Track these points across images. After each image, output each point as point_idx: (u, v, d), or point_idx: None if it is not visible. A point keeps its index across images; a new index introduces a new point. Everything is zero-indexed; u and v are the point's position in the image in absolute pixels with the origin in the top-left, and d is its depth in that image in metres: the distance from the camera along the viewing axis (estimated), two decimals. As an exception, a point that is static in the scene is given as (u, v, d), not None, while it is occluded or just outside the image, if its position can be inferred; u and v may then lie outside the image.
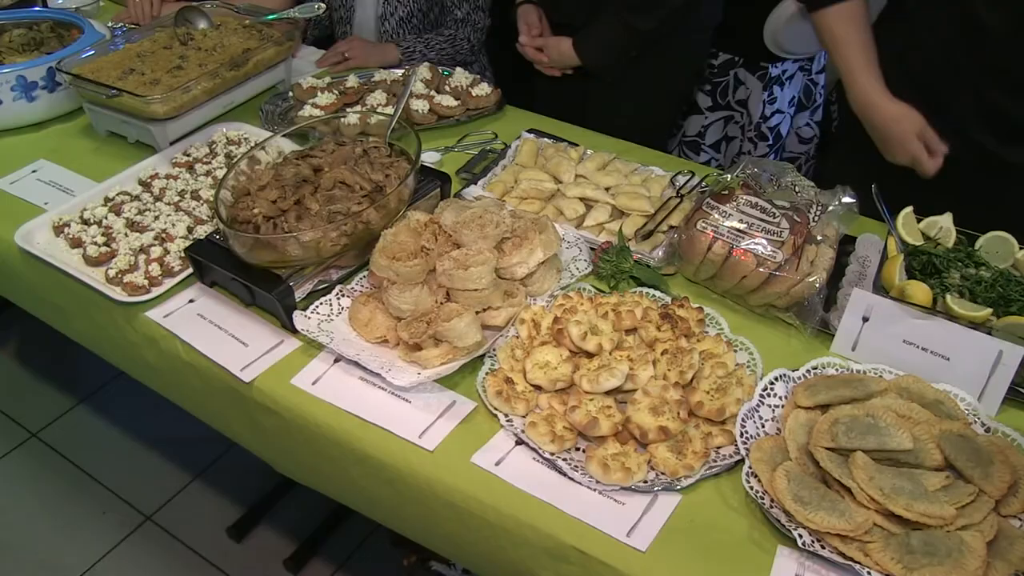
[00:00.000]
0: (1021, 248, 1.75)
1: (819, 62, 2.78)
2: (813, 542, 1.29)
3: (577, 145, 2.19)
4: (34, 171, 2.19)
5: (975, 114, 1.97)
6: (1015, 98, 1.91)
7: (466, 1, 2.80)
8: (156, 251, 1.83)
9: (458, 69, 2.51)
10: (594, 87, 2.68)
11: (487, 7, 2.87)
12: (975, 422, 1.50)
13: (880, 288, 1.68)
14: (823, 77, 2.84)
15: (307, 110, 2.33)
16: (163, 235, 1.89)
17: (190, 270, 1.81)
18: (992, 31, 1.86)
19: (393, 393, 1.56)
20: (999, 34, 1.86)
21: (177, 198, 2.02)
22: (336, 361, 1.62)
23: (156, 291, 1.77)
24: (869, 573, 1.25)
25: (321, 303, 1.70)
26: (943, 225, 1.81)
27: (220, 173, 2.09)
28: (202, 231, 1.91)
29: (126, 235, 1.90)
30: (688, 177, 2.04)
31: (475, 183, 2.04)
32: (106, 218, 1.95)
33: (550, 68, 2.69)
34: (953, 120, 1.97)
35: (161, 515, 2.85)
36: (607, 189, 1.99)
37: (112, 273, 1.79)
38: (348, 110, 2.27)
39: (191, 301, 1.78)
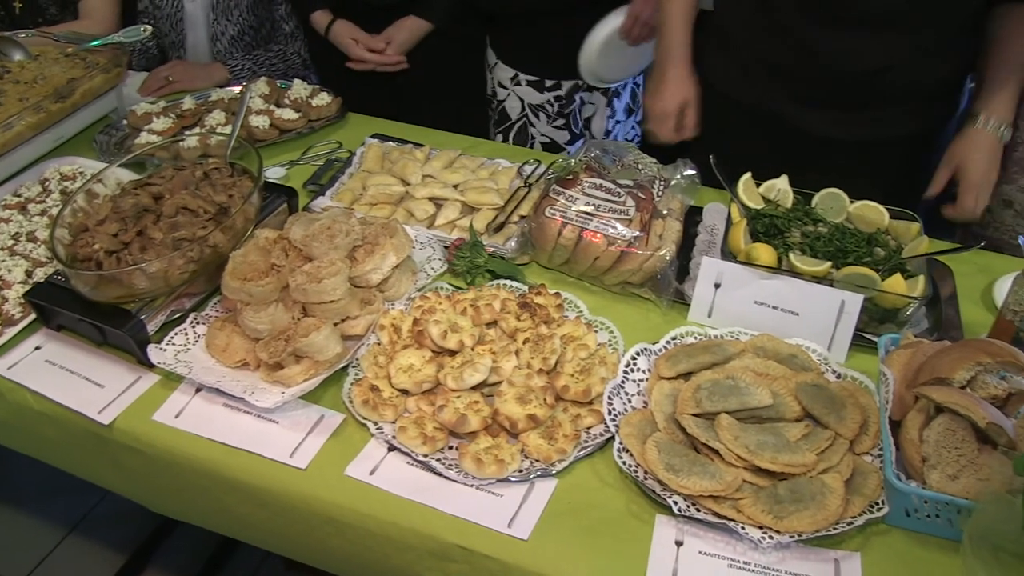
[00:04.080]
0: (852, 202, 1.84)
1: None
2: (688, 507, 1.33)
3: (422, 145, 2.19)
4: None
5: (771, 77, 2.05)
6: (798, 57, 1.98)
7: (294, 15, 2.76)
8: (-8, 300, 1.74)
9: (296, 81, 2.47)
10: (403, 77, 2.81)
11: None
12: (827, 370, 1.58)
13: (728, 254, 1.74)
14: (643, 78, 2.88)
15: (143, 137, 2.25)
16: (-1, 282, 1.80)
17: (33, 316, 1.72)
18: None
19: (259, 416, 1.53)
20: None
21: (11, 242, 1.92)
22: (198, 391, 1.58)
23: (-3, 343, 1.68)
24: (743, 528, 1.30)
25: (176, 333, 1.65)
26: (780, 187, 1.88)
27: (57, 211, 1.99)
28: (42, 274, 1.83)
29: (-43, 287, 1.79)
30: (535, 166, 2.07)
31: (323, 194, 2.02)
32: (-69, 271, 1.84)
33: (398, 61, 2.75)
34: (757, 85, 2.07)
35: (36, 577, 2.71)
36: (455, 186, 2.00)
37: (-56, 330, 1.70)
38: (186, 133, 2.21)
39: (37, 348, 1.70)
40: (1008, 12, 1.85)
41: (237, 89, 2.48)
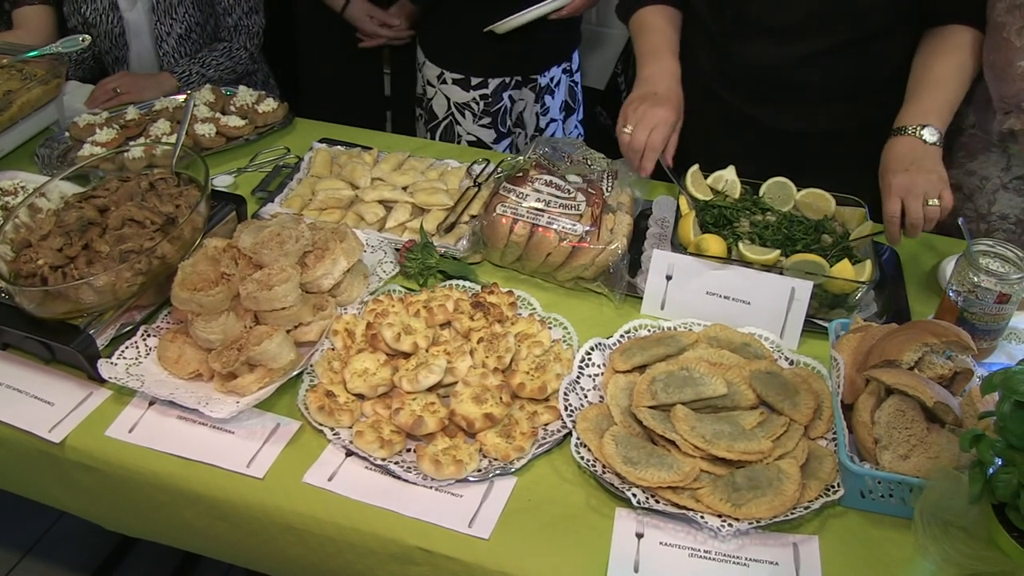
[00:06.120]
0: (799, 190, 1.86)
1: (575, 61, 2.80)
2: (648, 499, 1.33)
3: (371, 148, 2.18)
4: None
5: (721, 71, 2.08)
6: (726, 60, 2.03)
7: (238, 5, 2.73)
8: (-66, 321, 1.70)
9: (241, 87, 2.44)
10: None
11: (260, 8, 2.81)
12: (780, 358, 1.60)
13: (678, 246, 1.75)
14: (580, 76, 2.86)
15: (87, 149, 2.21)
16: (-60, 302, 1.76)
17: (-24, 336, 1.69)
18: None
19: (214, 427, 1.51)
20: None
21: (-49, 261, 1.88)
22: (151, 404, 1.56)
23: (-61, 365, 1.64)
24: (702, 517, 1.31)
25: (127, 347, 1.63)
26: (728, 178, 1.90)
27: (-2, 228, 1.96)
28: (-15, 292, 1.79)
29: None
30: (484, 165, 2.07)
31: (271, 201, 2.00)
32: None
33: (408, 35, 2.93)
34: (705, 77, 2.09)
35: (-9, 603, 2.66)
36: (405, 188, 2.00)
37: None
38: (131, 144, 2.17)
39: (-18, 369, 1.66)
40: (928, 36, 1.90)
41: (181, 98, 2.44)
